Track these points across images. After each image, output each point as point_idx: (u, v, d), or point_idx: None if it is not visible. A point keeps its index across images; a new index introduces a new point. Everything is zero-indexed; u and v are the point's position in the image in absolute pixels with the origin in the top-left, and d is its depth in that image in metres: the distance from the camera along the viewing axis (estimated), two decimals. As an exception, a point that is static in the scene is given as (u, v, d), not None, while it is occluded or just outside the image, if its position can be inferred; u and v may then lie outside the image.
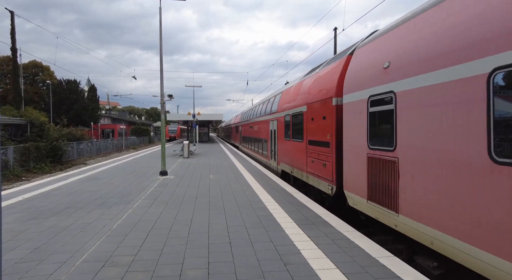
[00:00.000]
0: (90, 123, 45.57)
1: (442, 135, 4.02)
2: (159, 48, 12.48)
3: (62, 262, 4.18)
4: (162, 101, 12.74)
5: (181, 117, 40.79)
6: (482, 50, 3.44)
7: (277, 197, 8.30)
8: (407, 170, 4.71)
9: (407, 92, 4.71)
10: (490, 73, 3.32)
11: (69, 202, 7.75)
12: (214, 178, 11.59)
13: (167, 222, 6.06)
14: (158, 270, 3.94)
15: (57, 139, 23.40)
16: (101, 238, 5.15)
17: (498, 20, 3.29)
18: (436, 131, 4.11)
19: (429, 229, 4.21)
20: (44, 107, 43.59)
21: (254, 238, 5.11)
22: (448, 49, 3.96)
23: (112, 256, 4.37)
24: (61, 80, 49.58)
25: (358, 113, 6.00)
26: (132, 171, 13.63)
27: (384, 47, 5.56)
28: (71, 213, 6.68)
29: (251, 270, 3.96)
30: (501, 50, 3.19)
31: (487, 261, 3.34)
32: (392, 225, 5.09)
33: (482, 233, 3.41)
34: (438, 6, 4.36)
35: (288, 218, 6.32)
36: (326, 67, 8.61)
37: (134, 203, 7.65)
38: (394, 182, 4.98)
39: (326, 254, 4.44)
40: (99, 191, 9.09)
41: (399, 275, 3.80)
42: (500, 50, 3.20)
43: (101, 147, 34.65)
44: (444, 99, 3.98)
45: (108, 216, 6.48)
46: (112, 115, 70.41)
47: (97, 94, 55.44)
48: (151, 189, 9.44)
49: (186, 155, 20.32)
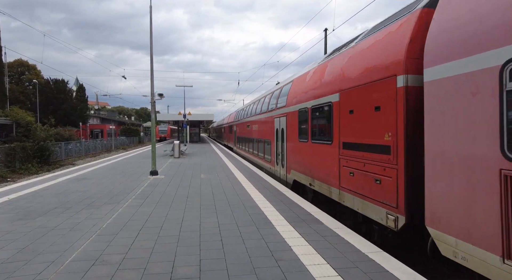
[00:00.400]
0: (78, 123, 44.79)
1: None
2: (149, 47, 12.39)
3: (51, 262, 4.12)
4: (153, 100, 12.65)
5: (172, 117, 40.51)
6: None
7: (268, 196, 8.34)
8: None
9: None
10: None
11: (57, 202, 7.61)
12: (205, 178, 11.56)
13: (158, 221, 6.02)
14: (149, 268, 3.92)
15: (45, 139, 22.92)
16: (91, 237, 5.08)
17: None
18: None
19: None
20: (31, 107, 42.56)
21: (245, 236, 5.13)
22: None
23: (102, 255, 4.33)
24: (48, 79, 48.57)
25: (471, 95, 3.47)
26: (121, 171, 13.47)
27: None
28: (60, 213, 6.57)
29: (242, 266, 3.98)
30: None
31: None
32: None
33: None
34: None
35: (279, 216, 6.36)
36: (372, 36, 6.05)
37: (124, 202, 7.57)
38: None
39: (316, 250, 4.49)
40: (88, 191, 8.96)
41: (388, 269, 3.87)
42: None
43: (90, 147, 34.11)
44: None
45: (97, 215, 6.40)
46: (101, 115, 69.33)
47: (86, 94, 54.57)
48: (141, 189, 9.36)
49: (176, 155, 20.19)
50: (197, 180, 11.10)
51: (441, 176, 3.89)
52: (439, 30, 4.05)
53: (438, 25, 4.08)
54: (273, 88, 14.75)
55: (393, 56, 4.96)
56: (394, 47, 5.03)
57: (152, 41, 12.27)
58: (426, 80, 4.13)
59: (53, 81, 47.92)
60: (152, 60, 12.53)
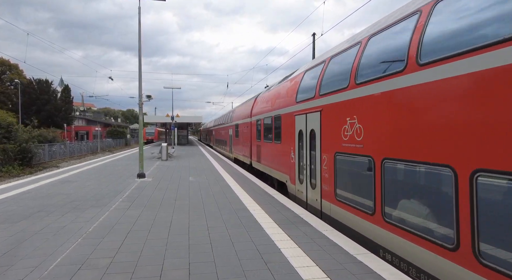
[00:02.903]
0: (63, 124, 43.67)
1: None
2: (138, 49, 12.25)
3: (34, 267, 3.99)
4: (141, 102, 12.49)
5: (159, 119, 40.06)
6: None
7: (258, 198, 8.34)
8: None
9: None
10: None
11: (40, 205, 7.39)
12: (194, 180, 11.46)
13: (146, 224, 5.93)
14: (138, 272, 3.86)
15: (27, 140, 22.26)
16: (77, 241, 4.96)
17: None
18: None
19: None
20: (12, 107, 41.26)
21: (235, 239, 5.12)
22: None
23: (88, 259, 4.23)
24: (31, 79, 47.22)
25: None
26: (108, 174, 13.21)
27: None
28: (43, 217, 6.38)
29: (232, 269, 3.96)
30: None
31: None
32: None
33: None
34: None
35: (268, 218, 6.38)
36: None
37: (111, 205, 7.42)
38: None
39: (306, 252, 4.53)
40: (73, 194, 8.74)
41: (375, 271, 3.94)
42: None
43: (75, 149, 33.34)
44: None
45: (83, 219, 6.25)
46: (87, 117, 67.88)
47: (71, 95, 53.32)
48: (129, 192, 9.20)
49: (164, 157, 19.95)
50: (185, 182, 10.99)
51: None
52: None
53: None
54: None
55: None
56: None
57: (140, 42, 12.15)
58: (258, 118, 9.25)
59: (37, 81, 46.63)
60: (141, 62, 12.40)
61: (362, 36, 5.99)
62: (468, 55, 3.38)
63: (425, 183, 4.19)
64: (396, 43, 4.90)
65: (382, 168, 4.77)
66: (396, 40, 4.92)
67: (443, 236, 3.66)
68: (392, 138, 4.62)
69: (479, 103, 3.28)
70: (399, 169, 4.60)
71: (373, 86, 5.08)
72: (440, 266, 3.67)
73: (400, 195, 4.54)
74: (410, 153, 4.23)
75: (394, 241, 4.47)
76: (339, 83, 6.24)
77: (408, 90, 4.29)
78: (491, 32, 3.24)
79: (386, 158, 4.69)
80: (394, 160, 4.55)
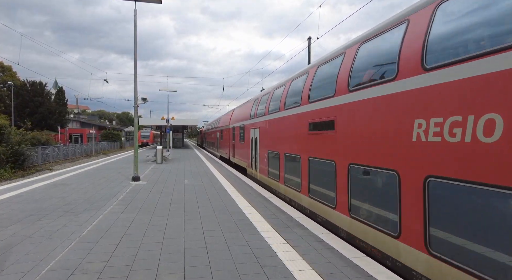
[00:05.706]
0: (57, 127, 43.17)
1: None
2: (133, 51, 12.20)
3: (26, 272, 3.92)
4: (136, 104, 12.42)
5: (155, 122, 39.82)
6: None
7: (253, 201, 8.32)
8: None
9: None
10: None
11: (32, 209, 7.28)
12: (189, 184, 11.40)
13: (141, 227, 5.87)
14: (132, 276, 3.81)
15: (19, 143, 21.93)
16: (70, 245, 4.89)
17: None
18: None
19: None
20: (5, 109, 40.75)
21: (230, 242, 5.09)
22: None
23: (82, 264, 4.17)
24: (25, 81, 46.72)
25: (229, 132, 10.79)
26: (102, 177, 13.08)
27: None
28: (35, 221, 6.28)
29: (228, 273, 3.93)
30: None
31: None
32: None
33: None
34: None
35: (264, 221, 6.35)
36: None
37: (105, 209, 7.34)
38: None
39: (302, 256, 4.51)
40: (67, 197, 8.63)
41: (372, 274, 3.94)
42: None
43: (69, 152, 32.89)
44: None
45: (77, 222, 6.16)
46: (81, 119, 67.28)
47: (66, 97, 52.83)
48: (123, 195, 9.11)
49: (159, 160, 19.82)
50: (180, 186, 10.92)
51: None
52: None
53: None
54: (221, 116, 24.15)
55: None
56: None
57: (136, 45, 12.11)
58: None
59: (30, 83, 46.15)
60: (136, 65, 12.35)
61: (287, 79, 9.89)
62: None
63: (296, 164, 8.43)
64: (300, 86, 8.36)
65: (268, 155, 10.98)
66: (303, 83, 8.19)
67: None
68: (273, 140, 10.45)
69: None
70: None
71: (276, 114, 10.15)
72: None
73: (287, 169, 9.14)
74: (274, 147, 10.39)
75: (287, 191, 9.08)
76: (273, 107, 10.60)
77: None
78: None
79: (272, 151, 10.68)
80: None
